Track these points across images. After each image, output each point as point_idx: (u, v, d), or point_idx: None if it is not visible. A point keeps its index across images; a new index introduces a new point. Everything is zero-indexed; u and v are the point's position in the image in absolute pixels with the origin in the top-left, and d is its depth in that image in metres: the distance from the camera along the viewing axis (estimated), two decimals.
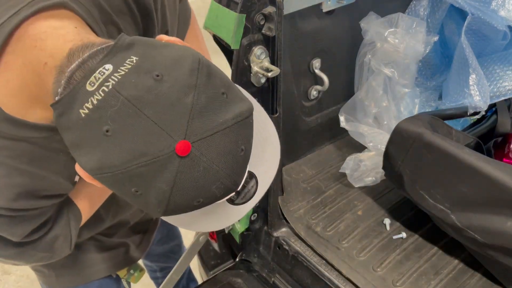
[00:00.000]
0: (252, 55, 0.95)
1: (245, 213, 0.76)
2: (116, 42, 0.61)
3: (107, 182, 0.59)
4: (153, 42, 0.62)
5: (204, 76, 0.59)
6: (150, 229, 1.28)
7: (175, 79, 0.57)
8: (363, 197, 1.29)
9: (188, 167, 0.56)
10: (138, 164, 0.55)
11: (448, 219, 1.00)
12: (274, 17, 0.91)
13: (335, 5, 1.19)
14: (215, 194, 0.60)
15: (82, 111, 0.57)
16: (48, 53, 0.65)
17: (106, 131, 0.55)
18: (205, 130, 0.57)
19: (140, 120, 0.55)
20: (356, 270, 1.10)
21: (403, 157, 1.07)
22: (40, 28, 0.67)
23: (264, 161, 0.75)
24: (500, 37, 1.29)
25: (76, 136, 0.58)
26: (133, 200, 0.61)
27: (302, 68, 1.27)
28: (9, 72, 0.67)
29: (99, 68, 0.58)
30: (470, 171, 0.95)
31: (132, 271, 1.26)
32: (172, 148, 0.55)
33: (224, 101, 0.60)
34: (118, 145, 0.55)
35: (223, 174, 0.59)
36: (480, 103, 1.18)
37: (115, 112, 0.55)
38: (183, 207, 0.60)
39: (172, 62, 0.59)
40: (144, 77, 0.56)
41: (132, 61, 0.58)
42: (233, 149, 0.60)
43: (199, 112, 0.57)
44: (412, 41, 1.23)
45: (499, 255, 0.96)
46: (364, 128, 1.27)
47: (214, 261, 1.48)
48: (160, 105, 0.55)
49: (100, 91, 0.56)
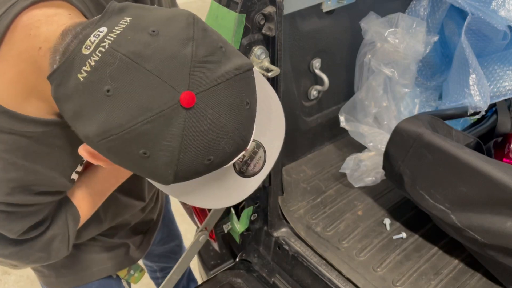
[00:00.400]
0: (252, 55, 0.95)
1: (257, 186, 0.74)
2: (107, 8, 0.60)
3: (112, 148, 0.57)
4: (145, 6, 0.62)
5: (200, 30, 0.59)
6: (150, 230, 1.28)
7: (172, 33, 0.57)
8: (363, 197, 1.29)
9: (194, 120, 0.55)
10: (143, 121, 0.54)
11: (448, 219, 1.00)
12: (274, 17, 0.91)
13: (335, 5, 1.19)
14: (225, 150, 0.59)
15: (80, 76, 0.56)
16: (42, 39, 0.65)
17: (107, 91, 0.54)
18: (208, 81, 0.56)
19: (140, 74, 0.54)
20: (356, 270, 1.10)
21: (403, 157, 1.07)
22: (35, 16, 0.67)
23: (270, 131, 0.74)
24: (500, 37, 1.29)
25: (77, 104, 0.57)
26: (140, 166, 0.59)
27: (302, 68, 1.27)
28: (4, 63, 0.67)
29: (94, 32, 0.57)
30: (470, 171, 0.95)
31: (132, 271, 1.25)
32: (176, 99, 0.54)
33: (223, 53, 0.59)
34: (121, 104, 0.54)
35: (231, 127, 0.58)
36: (480, 103, 1.18)
37: (114, 70, 0.54)
38: (195, 168, 0.59)
39: (167, 19, 0.59)
40: (140, 34, 0.56)
41: (126, 21, 0.57)
42: (238, 102, 0.59)
43: (200, 63, 0.56)
44: (412, 41, 1.23)
45: (499, 255, 0.96)
46: (364, 128, 1.27)
47: (214, 261, 1.48)
48: (160, 58, 0.55)
49: (97, 52, 0.55)
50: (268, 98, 0.74)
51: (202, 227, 1.11)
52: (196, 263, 1.59)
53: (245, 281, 1.21)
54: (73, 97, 0.57)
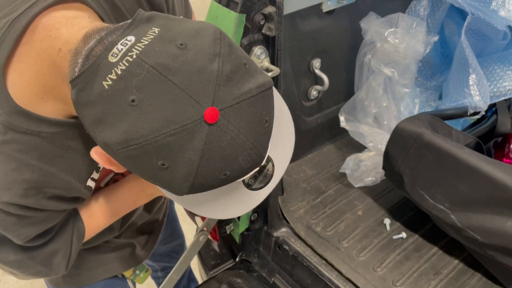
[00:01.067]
0: (252, 55, 0.95)
1: (263, 198, 0.75)
2: (135, 16, 0.60)
3: (132, 157, 0.57)
4: (172, 16, 0.62)
5: (227, 45, 0.59)
6: (155, 230, 1.28)
7: (199, 47, 0.57)
8: (363, 197, 1.29)
9: (216, 136, 0.55)
10: (166, 133, 0.54)
11: (448, 219, 1.00)
12: (274, 17, 0.91)
13: (335, 5, 1.19)
14: (241, 166, 0.59)
15: (105, 83, 0.55)
16: (63, 40, 0.65)
17: (132, 101, 0.54)
18: (232, 98, 0.56)
19: (167, 87, 0.54)
20: (356, 270, 1.09)
21: (403, 157, 1.07)
22: (55, 18, 0.67)
23: (279, 145, 0.74)
24: (500, 37, 1.29)
25: (99, 110, 0.57)
26: (156, 176, 0.59)
27: (302, 68, 1.27)
28: (22, 63, 0.67)
29: (121, 40, 0.57)
30: (470, 171, 0.95)
31: (138, 271, 1.25)
32: (201, 115, 0.54)
33: (246, 70, 0.59)
34: (145, 115, 0.54)
35: (249, 144, 0.58)
36: (480, 103, 1.18)
37: (140, 81, 0.54)
38: (210, 181, 0.59)
39: (194, 32, 0.59)
40: (168, 46, 0.56)
41: (154, 32, 0.57)
42: (259, 119, 0.59)
43: (225, 80, 0.56)
44: (412, 41, 1.23)
45: (499, 255, 0.96)
46: (364, 128, 1.27)
47: (214, 261, 1.48)
48: (187, 72, 0.55)
49: (124, 61, 0.55)
50: (280, 112, 0.74)
51: (202, 227, 1.11)
52: (196, 263, 1.59)
53: (245, 281, 1.21)
54: (96, 104, 0.57)
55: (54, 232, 0.84)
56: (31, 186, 0.72)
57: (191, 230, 2.13)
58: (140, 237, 1.22)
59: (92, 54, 0.59)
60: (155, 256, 1.57)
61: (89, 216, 0.90)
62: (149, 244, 1.26)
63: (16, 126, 0.68)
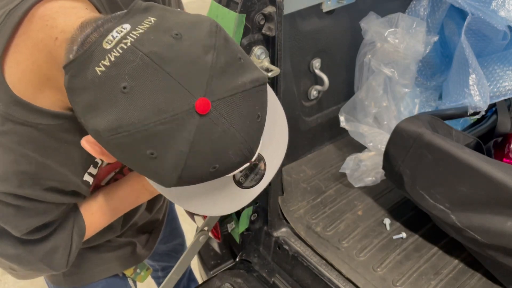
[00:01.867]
0: (252, 55, 0.95)
1: (254, 197, 0.74)
2: (132, 6, 0.60)
3: (121, 145, 0.57)
4: (169, 8, 0.62)
5: (222, 39, 0.59)
6: (156, 229, 1.29)
7: (195, 39, 0.57)
8: (363, 197, 1.29)
9: (206, 127, 0.55)
10: (157, 122, 0.54)
11: (448, 219, 1.00)
12: (274, 17, 0.91)
13: (335, 5, 1.19)
14: (231, 160, 0.59)
15: (98, 69, 0.55)
16: (59, 30, 0.65)
17: (123, 88, 0.54)
18: (224, 91, 0.56)
19: (159, 76, 0.54)
20: (356, 270, 1.10)
21: (403, 157, 1.07)
22: (52, 8, 0.67)
23: (272, 144, 0.74)
24: (500, 37, 1.29)
25: (91, 96, 0.57)
26: (145, 166, 0.59)
27: (302, 68, 1.27)
28: (20, 53, 0.67)
29: (116, 27, 0.57)
30: (470, 171, 0.95)
31: (139, 270, 1.26)
32: (192, 105, 0.54)
33: (241, 65, 0.59)
34: (137, 102, 0.54)
35: (240, 139, 0.58)
36: (480, 103, 1.18)
37: (133, 68, 0.54)
38: (199, 174, 0.59)
39: (190, 23, 0.59)
40: (164, 35, 0.56)
41: (150, 21, 0.57)
42: (251, 114, 0.59)
43: (219, 72, 0.56)
44: (412, 41, 1.23)
45: (499, 255, 0.96)
46: (364, 128, 1.27)
47: (214, 261, 1.48)
48: (180, 62, 0.55)
49: (118, 48, 0.55)
50: (273, 112, 0.73)
51: (202, 227, 1.11)
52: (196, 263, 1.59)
53: (245, 281, 1.21)
54: (88, 90, 0.57)
55: (53, 227, 0.84)
56: (28, 177, 0.73)
57: (191, 230, 2.13)
58: (141, 236, 1.22)
59: (87, 41, 0.59)
60: (155, 255, 1.57)
61: (90, 213, 0.90)
62: (150, 243, 1.26)
63: (14, 117, 0.68)
